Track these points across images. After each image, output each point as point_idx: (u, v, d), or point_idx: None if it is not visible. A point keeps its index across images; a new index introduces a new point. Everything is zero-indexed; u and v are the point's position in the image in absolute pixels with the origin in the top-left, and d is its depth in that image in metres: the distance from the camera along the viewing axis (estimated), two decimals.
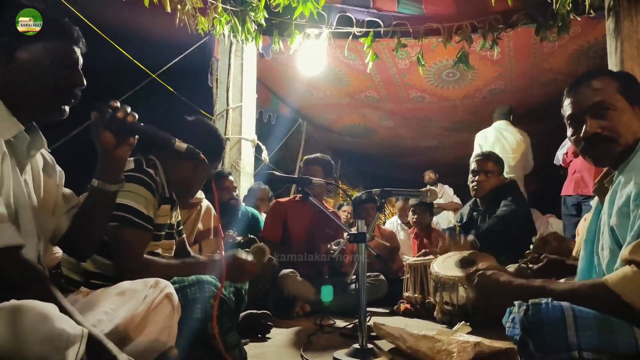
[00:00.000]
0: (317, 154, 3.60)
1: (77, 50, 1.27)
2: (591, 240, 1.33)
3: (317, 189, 2.89)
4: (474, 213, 3.32)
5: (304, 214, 3.40)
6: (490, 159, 3.28)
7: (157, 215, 1.70)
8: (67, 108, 1.26)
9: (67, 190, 1.42)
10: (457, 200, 6.54)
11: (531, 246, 2.24)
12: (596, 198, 2.44)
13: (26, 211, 1.16)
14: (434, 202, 6.42)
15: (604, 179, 1.36)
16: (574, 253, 1.96)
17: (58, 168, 1.40)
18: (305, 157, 3.59)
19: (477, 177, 3.22)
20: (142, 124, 1.35)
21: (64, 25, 1.25)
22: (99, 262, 1.59)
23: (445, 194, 6.67)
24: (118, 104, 1.30)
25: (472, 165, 3.30)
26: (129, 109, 1.31)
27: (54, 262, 1.72)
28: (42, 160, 1.32)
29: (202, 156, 1.45)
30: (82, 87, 1.28)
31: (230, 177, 3.43)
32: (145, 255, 1.61)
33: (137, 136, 1.37)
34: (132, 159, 1.64)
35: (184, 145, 1.41)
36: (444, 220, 6.44)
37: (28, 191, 1.19)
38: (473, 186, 3.26)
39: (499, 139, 4.74)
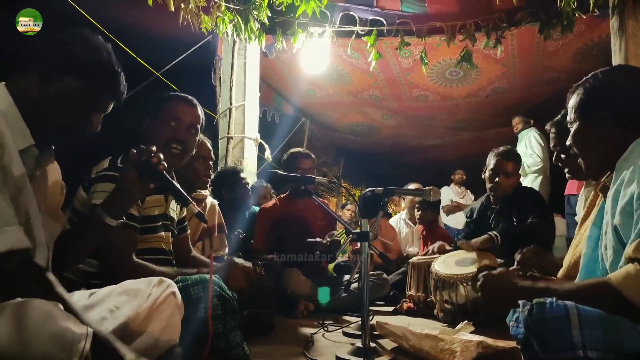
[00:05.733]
0: (301, 149, 3.58)
1: (111, 105, 1.31)
2: (595, 238, 1.33)
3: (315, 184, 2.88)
4: (488, 212, 3.22)
5: (293, 212, 3.37)
6: (511, 159, 3.12)
7: (146, 207, 1.72)
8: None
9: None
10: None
11: (515, 263, 2.22)
12: (582, 193, 2.42)
13: (37, 221, 1.16)
14: (454, 200, 6.46)
15: (607, 178, 1.37)
16: (564, 265, 1.94)
17: (62, 183, 1.41)
18: (290, 150, 3.53)
19: (496, 179, 3.07)
20: (168, 176, 1.43)
21: (114, 76, 1.29)
22: (92, 264, 1.61)
23: (467, 197, 6.69)
24: (154, 149, 1.40)
25: (492, 163, 3.13)
26: (162, 157, 1.40)
27: None
28: (48, 168, 1.32)
29: (206, 219, 1.54)
30: (96, 131, 1.30)
31: (242, 174, 3.43)
32: (136, 259, 1.63)
33: (156, 184, 1.44)
34: (108, 158, 1.66)
35: (196, 210, 1.47)
36: (461, 220, 6.41)
37: (38, 202, 1.20)
38: (491, 187, 3.12)
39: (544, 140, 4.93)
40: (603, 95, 1.31)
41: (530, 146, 5.14)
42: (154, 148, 1.40)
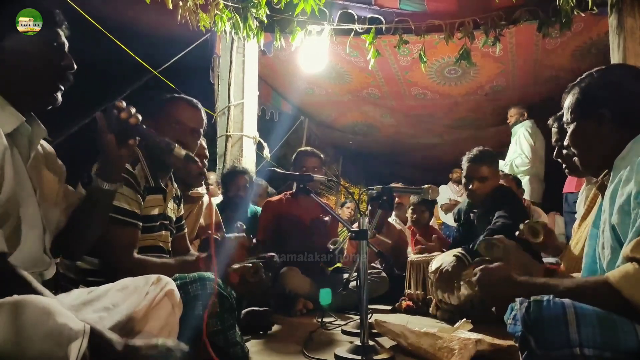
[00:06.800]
0: (308, 147, 3.60)
1: (62, 33, 1.28)
2: (595, 236, 1.33)
3: (314, 183, 2.88)
4: (471, 215, 3.16)
5: (297, 210, 3.39)
6: (484, 163, 2.97)
7: (145, 207, 1.71)
8: (59, 95, 1.27)
9: (67, 187, 1.43)
10: None
11: (517, 232, 2.15)
12: (582, 191, 2.39)
13: (31, 202, 1.17)
14: (452, 199, 6.45)
15: (605, 176, 1.37)
16: (563, 263, 1.92)
17: (59, 162, 1.41)
18: (299, 149, 3.57)
19: (471, 186, 2.97)
20: (144, 127, 1.38)
21: (45, 9, 1.26)
22: (90, 262, 1.61)
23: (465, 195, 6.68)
24: (124, 105, 1.34)
25: (464, 169, 3.04)
26: (133, 110, 1.34)
27: None
28: (44, 154, 1.33)
29: (199, 164, 1.48)
30: (72, 71, 1.29)
31: (246, 176, 3.44)
32: (137, 255, 1.62)
33: (137, 138, 1.39)
34: None
35: (183, 152, 1.44)
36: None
37: (32, 182, 1.20)
38: (468, 194, 3.04)
39: (540, 137, 4.95)
40: (601, 93, 1.31)
41: (519, 144, 5.13)
42: (123, 103, 1.35)
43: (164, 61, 4.10)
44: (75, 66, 1.29)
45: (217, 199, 3.67)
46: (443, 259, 2.86)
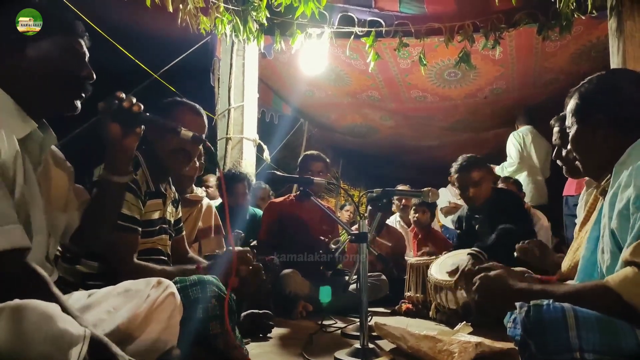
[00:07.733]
0: (315, 151, 3.62)
1: (83, 43, 1.29)
2: (594, 241, 1.33)
3: (317, 187, 2.89)
4: (472, 221, 3.18)
5: (300, 213, 3.40)
6: (472, 168, 3.04)
7: (146, 211, 1.72)
8: (78, 103, 1.28)
9: (77, 186, 1.44)
10: None
11: (515, 254, 2.20)
12: (582, 195, 2.39)
13: (38, 208, 1.17)
14: (451, 202, 6.46)
15: (607, 181, 1.38)
16: (563, 267, 1.91)
17: (68, 164, 1.41)
18: (305, 153, 3.60)
19: (467, 192, 3.02)
20: (147, 114, 1.38)
21: (67, 19, 1.27)
22: (90, 265, 1.61)
23: None
24: (124, 95, 1.34)
25: (456, 180, 3.08)
26: (134, 99, 1.35)
27: None
28: (52, 157, 1.33)
29: (208, 143, 1.49)
30: (91, 80, 1.29)
31: (244, 183, 3.44)
32: (137, 260, 1.63)
33: (143, 126, 1.40)
34: None
35: (190, 134, 1.44)
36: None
37: (40, 188, 1.21)
38: (466, 201, 3.07)
39: (537, 142, 4.99)
40: (598, 99, 1.33)
41: (508, 148, 5.20)
42: (123, 95, 1.35)
43: (165, 64, 4.10)
44: (95, 76, 1.29)
45: (217, 201, 3.67)
46: (453, 261, 2.85)
